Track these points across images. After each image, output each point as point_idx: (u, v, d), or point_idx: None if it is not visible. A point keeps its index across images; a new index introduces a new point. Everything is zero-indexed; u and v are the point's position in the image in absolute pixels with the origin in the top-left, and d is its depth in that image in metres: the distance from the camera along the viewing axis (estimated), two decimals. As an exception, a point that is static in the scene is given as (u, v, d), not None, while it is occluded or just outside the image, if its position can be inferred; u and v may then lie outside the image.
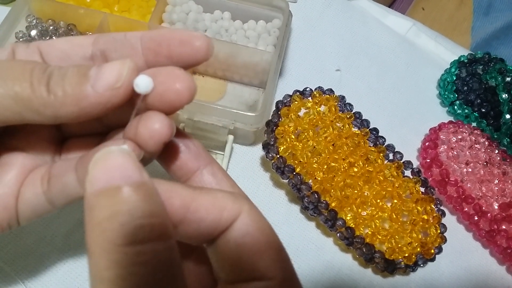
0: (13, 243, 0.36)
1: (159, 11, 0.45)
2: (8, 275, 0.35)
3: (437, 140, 0.42)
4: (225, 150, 0.40)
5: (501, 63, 0.47)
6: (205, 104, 0.38)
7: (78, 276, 0.36)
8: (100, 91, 0.19)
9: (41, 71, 0.20)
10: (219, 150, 0.40)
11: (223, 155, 0.40)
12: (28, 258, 0.36)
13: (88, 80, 0.19)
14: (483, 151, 0.42)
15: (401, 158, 0.40)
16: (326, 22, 0.52)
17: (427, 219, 0.38)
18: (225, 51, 0.42)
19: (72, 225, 0.37)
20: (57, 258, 0.36)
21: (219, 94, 0.45)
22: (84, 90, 0.19)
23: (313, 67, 0.49)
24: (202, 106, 0.38)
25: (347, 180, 0.38)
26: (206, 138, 0.40)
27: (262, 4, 0.45)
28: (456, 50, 0.52)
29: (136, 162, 0.17)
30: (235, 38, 0.45)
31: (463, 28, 0.67)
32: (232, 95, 0.45)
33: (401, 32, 0.53)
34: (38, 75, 0.20)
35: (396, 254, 0.36)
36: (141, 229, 0.16)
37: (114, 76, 0.19)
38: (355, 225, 0.37)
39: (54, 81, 0.19)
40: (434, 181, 0.42)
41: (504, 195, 0.40)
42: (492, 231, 0.39)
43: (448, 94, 0.48)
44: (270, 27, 0.46)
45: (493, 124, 0.46)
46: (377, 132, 0.41)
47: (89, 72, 0.19)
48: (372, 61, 0.50)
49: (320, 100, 0.40)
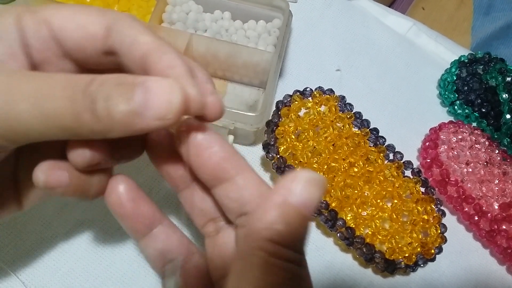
0: (13, 243, 0.36)
1: (159, 11, 0.45)
2: (8, 275, 0.35)
3: (437, 140, 0.42)
4: (225, 150, 0.40)
5: (501, 63, 0.47)
6: (205, 104, 0.38)
7: (79, 276, 0.36)
8: (150, 123, 0.18)
9: (83, 95, 0.18)
10: (219, 150, 0.40)
11: (223, 155, 0.40)
12: (28, 258, 0.36)
13: (135, 110, 0.18)
14: (483, 151, 0.42)
15: (401, 158, 0.40)
16: (326, 22, 0.52)
17: (427, 219, 0.38)
18: (225, 51, 0.42)
19: (72, 225, 0.37)
20: (57, 258, 0.36)
21: (219, 94, 0.45)
22: (132, 120, 0.18)
23: (313, 67, 0.49)
24: (202, 106, 0.38)
25: (347, 180, 0.38)
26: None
27: (262, 4, 0.45)
28: (456, 50, 0.52)
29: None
30: (235, 38, 0.45)
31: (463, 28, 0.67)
32: (232, 95, 0.45)
33: (401, 32, 0.53)
34: (81, 101, 0.18)
35: (396, 254, 0.36)
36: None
37: (163, 107, 0.18)
38: (355, 225, 0.37)
39: (101, 107, 0.18)
40: (434, 181, 0.42)
41: (504, 195, 0.40)
42: (492, 231, 0.39)
43: (448, 94, 0.48)
44: (270, 27, 0.46)
45: (493, 124, 0.46)
46: (377, 132, 0.41)
47: (134, 95, 0.18)
48: (372, 61, 0.50)
49: (320, 100, 0.40)
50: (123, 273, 0.36)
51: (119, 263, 0.36)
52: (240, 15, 0.46)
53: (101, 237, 0.37)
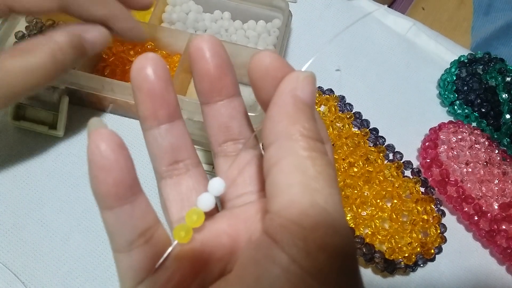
0: (13, 243, 0.36)
1: (159, 11, 0.45)
2: (8, 275, 0.35)
3: (437, 140, 0.42)
4: (225, 150, 0.40)
5: (501, 63, 0.47)
6: (205, 104, 0.38)
7: (78, 277, 0.36)
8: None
9: None
10: (219, 150, 0.40)
11: (223, 155, 0.40)
12: (28, 258, 0.36)
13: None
14: (483, 151, 0.42)
15: (401, 158, 0.40)
16: (326, 22, 0.52)
17: (427, 219, 0.38)
18: (225, 51, 0.42)
19: (72, 225, 0.38)
20: (57, 258, 0.36)
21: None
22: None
23: (313, 67, 0.49)
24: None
25: (347, 180, 0.38)
26: (206, 138, 0.40)
27: (262, 4, 0.45)
28: (456, 50, 0.52)
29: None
30: (235, 38, 0.45)
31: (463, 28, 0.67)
32: (232, 95, 0.45)
33: (401, 32, 0.53)
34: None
35: (396, 254, 0.36)
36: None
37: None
38: (355, 225, 0.37)
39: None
40: (434, 181, 0.42)
41: (504, 195, 0.40)
42: (492, 231, 0.39)
43: (448, 94, 0.48)
44: (270, 27, 0.46)
45: (493, 124, 0.46)
46: (377, 132, 0.41)
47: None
48: (372, 61, 0.50)
49: (320, 100, 0.40)
50: (123, 273, 0.36)
51: (119, 263, 0.36)
52: (240, 15, 0.46)
53: (101, 237, 0.37)
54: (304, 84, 0.18)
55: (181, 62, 0.41)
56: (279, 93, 0.18)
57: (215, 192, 0.19)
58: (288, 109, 0.17)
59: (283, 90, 0.18)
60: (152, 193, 0.40)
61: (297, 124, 0.17)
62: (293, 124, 0.17)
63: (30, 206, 0.38)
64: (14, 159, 0.40)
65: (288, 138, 0.17)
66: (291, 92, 0.18)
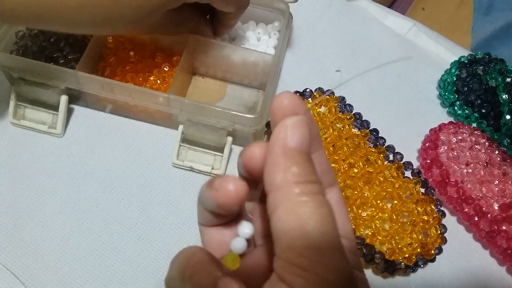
0: (13, 243, 0.36)
1: (159, 12, 0.45)
2: (8, 275, 0.35)
3: (437, 140, 0.42)
4: (224, 152, 0.40)
5: (501, 64, 0.47)
6: (205, 105, 0.38)
7: (79, 277, 0.36)
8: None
9: None
10: (218, 151, 0.40)
11: (222, 156, 0.40)
12: (28, 258, 0.36)
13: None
14: (483, 151, 0.42)
15: (401, 159, 0.40)
16: (326, 22, 0.52)
17: (427, 219, 0.38)
18: (225, 52, 0.42)
19: (72, 226, 0.38)
20: (57, 258, 0.36)
21: (219, 96, 0.45)
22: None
23: (313, 68, 0.49)
24: (201, 108, 0.38)
25: (347, 181, 0.38)
26: (205, 139, 0.40)
27: (262, 6, 0.45)
28: (457, 50, 0.52)
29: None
30: (235, 40, 0.45)
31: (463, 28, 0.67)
32: (232, 97, 0.45)
33: (401, 32, 0.53)
34: None
35: (396, 254, 0.36)
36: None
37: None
38: (355, 225, 0.37)
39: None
40: (434, 182, 0.41)
41: (504, 195, 0.40)
42: (492, 232, 0.39)
43: (448, 94, 0.48)
44: (271, 29, 0.46)
45: (493, 125, 0.46)
46: (377, 133, 0.41)
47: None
48: (372, 61, 0.50)
49: (320, 101, 0.40)
50: (123, 274, 0.36)
51: (119, 264, 0.36)
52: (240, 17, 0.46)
53: (101, 237, 0.37)
54: (292, 131, 0.19)
55: (181, 62, 0.41)
56: (271, 144, 0.19)
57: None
58: (279, 160, 0.19)
59: (273, 141, 0.19)
60: (154, 191, 0.40)
61: (288, 172, 0.18)
62: (284, 172, 0.18)
63: (30, 206, 0.38)
64: (14, 159, 0.40)
65: (281, 187, 0.18)
66: (280, 141, 0.19)
